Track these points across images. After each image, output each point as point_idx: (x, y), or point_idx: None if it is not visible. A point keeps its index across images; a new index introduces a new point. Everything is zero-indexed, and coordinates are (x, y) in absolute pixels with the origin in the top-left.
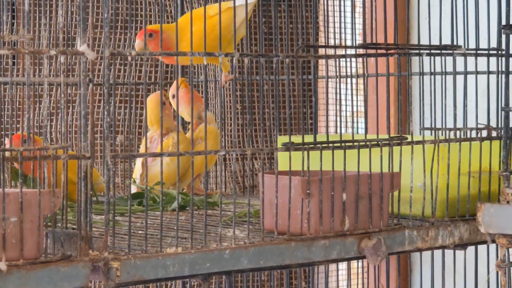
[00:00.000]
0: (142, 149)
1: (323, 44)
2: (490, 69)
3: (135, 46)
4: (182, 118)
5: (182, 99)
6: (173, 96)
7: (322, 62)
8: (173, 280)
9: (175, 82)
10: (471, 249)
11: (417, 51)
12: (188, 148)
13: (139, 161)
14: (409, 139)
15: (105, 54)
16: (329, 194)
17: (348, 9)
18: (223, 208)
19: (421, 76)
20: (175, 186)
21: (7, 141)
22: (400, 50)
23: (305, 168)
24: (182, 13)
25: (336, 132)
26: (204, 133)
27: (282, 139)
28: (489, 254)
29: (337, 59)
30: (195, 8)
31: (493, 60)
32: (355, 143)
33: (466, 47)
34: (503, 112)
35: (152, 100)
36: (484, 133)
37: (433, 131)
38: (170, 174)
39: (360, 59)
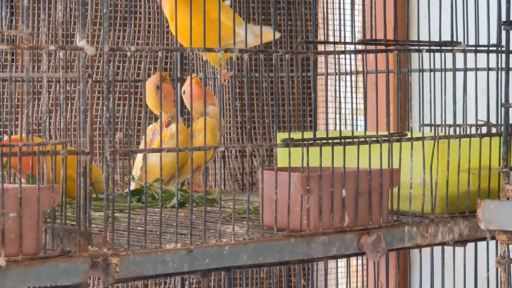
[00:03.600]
0: (147, 140)
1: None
2: (490, 66)
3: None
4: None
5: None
6: (184, 92)
7: (321, 59)
8: (173, 276)
9: (188, 78)
10: (470, 245)
11: (416, 48)
12: (187, 139)
13: (140, 154)
14: (409, 136)
15: (104, 49)
16: (329, 190)
17: (348, 6)
18: (223, 205)
19: (420, 73)
20: (172, 179)
21: (5, 140)
22: (399, 46)
23: (305, 165)
24: None
25: (335, 129)
26: (201, 126)
27: (281, 136)
28: (489, 250)
29: (336, 56)
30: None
31: (492, 56)
32: (355, 140)
33: (465, 43)
34: (503, 108)
35: (150, 84)
36: (484, 130)
37: (432, 128)
38: (168, 165)
39: (359, 56)
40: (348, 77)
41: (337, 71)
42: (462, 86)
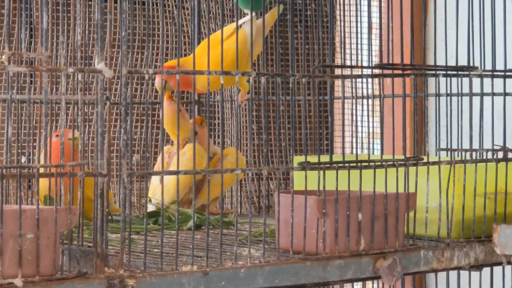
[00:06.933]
0: (158, 162)
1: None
2: (507, 91)
3: (155, 84)
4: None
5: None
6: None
7: (338, 83)
8: None
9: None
10: (486, 270)
11: (433, 72)
12: (201, 160)
13: (156, 177)
14: (425, 160)
15: (122, 72)
16: (345, 213)
17: (365, 30)
18: (239, 228)
19: (437, 97)
20: (183, 201)
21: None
22: (416, 70)
23: (321, 188)
24: (199, 32)
25: (352, 153)
26: (226, 154)
27: (298, 159)
28: (505, 275)
29: (353, 80)
30: (212, 27)
31: (509, 81)
32: (371, 163)
33: (482, 68)
34: None
35: (168, 110)
36: (500, 155)
37: (449, 152)
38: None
39: (376, 80)
40: (365, 101)
41: (354, 94)
42: (478, 111)
